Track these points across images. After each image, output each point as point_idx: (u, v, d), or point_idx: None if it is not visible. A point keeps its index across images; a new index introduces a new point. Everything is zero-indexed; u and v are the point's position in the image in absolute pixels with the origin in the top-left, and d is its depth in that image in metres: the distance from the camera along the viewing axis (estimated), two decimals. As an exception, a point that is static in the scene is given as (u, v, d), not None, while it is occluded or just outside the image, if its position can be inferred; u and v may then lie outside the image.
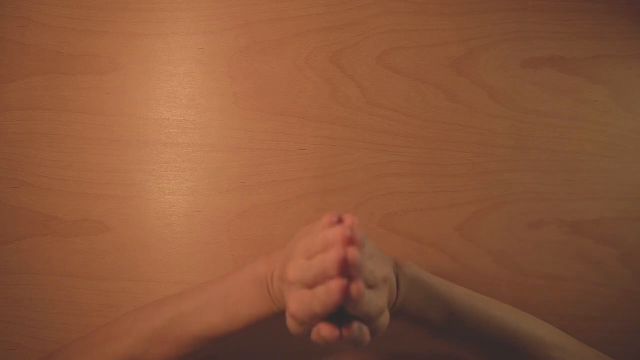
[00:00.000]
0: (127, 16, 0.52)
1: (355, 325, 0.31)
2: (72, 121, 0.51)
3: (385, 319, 0.33)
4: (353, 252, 0.29)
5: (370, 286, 0.32)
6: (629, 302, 0.48)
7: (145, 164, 0.51)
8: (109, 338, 0.38)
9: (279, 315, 0.37)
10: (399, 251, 0.49)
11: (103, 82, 0.51)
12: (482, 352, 0.38)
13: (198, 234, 0.50)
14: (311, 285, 0.31)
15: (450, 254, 0.49)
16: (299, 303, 0.31)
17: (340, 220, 0.32)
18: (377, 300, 0.32)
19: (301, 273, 0.31)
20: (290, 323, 0.33)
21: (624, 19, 0.51)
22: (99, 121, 0.51)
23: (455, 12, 0.52)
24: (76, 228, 0.50)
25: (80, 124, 0.51)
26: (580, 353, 0.39)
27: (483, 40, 0.51)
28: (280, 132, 0.50)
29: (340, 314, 0.31)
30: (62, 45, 0.52)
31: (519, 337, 0.37)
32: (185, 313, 0.38)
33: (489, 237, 0.49)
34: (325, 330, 0.31)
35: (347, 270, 0.29)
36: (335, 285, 0.29)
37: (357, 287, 0.30)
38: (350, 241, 0.30)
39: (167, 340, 0.37)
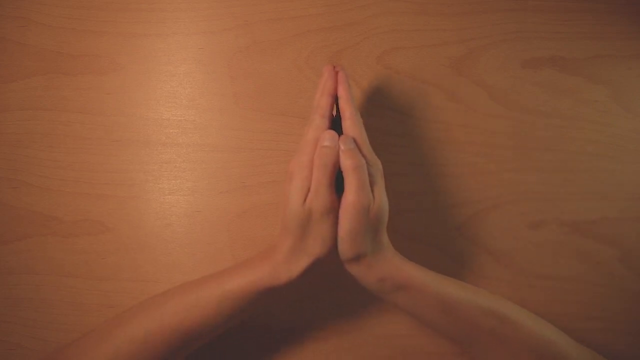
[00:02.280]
0: (127, 16, 0.52)
1: (348, 136, 0.38)
2: (72, 121, 0.51)
3: (383, 193, 0.38)
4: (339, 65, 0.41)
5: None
6: (629, 302, 0.48)
7: (145, 164, 0.51)
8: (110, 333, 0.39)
9: (276, 289, 0.37)
10: (399, 251, 0.48)
11: (103, 82, 0.51)
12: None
13: (198, 234, 0.50)
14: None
15: (450, 254, 0.49)
16: (296, 155, 0.38)
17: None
18: (372, 151, 0.39)
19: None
20: (289, 192, 0.36)
21: (624, 19, 0.51)
22: (99, 121, 0.51)
23: (455, 12, 0.52)
24: (76, 228, 0.50)
25: (80, 124, 0.51)
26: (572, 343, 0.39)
27: (483, 40, 0.51)
28: (280, 132, 0.50)
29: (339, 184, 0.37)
30: (62, 45, 0.52)
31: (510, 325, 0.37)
32: (184, 286, 0.40)
33: (489, 237, 0.49)
34: (325, 133, 0.37)
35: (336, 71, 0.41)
36: (324, 76, 0.41)
37: (341, 67, 0.41)
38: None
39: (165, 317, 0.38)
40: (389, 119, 0.51)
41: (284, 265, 0.37)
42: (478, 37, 0.51)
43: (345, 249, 0.37)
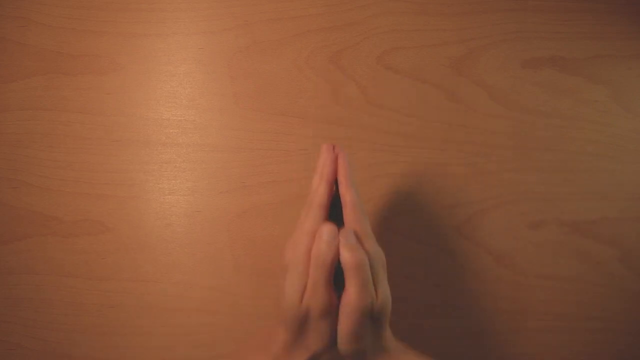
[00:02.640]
0: (127, 16, 0.52)
1: (349, 230, 0.35)
2: (72, 121, 0.51)
3: (386, 290, 0.35)
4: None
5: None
6: (629, 302, 0.49)
7: (145, 164, 0.51)
8: None
9: None
10: (400, 251, 0.49)
11: (103, 82, 0.51)
12: None
13: (198, 234, 0.50)
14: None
15: (450, 254, 0.49)
16: (292, 240, 0.35)
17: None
18: (374, 242, 0.36)
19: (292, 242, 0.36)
20: (285, 288, 0.34)
21: (624, 19, 0.51)
22: (99, 121, 0.51)
23: (455, 12, 0.52)
24: (76, 228, 0.50)
25: (80, 124, 0.51)
26: None
27: (483, 40, 0.51)
28: (280, 132, 0.50)
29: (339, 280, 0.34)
30: (62, 45, 0.52)
31: None
32: None
33: (489, 237, 0.49)
34: (324, 227, 0.34)
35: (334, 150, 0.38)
36: (323, 157, 0.38)
37: (340, 148, 0.38)
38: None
39: None
40: (389, 119, 0.51)
41: (283, 359, 0.36)
42: (478, 37, 0.51)
43: (345, 347, 0.35)
